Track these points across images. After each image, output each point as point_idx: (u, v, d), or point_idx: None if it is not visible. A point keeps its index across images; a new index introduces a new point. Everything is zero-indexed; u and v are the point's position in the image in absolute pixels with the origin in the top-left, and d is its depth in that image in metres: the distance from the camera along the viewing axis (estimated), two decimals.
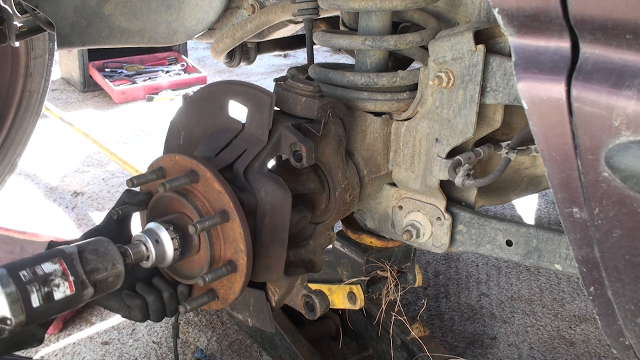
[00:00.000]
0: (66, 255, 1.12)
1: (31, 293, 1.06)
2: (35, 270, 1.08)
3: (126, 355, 2.29)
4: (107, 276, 1.16)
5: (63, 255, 1.12)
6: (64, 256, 1.12)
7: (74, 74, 5.10)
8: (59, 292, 1.09)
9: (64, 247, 1.14)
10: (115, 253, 1.18)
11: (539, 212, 3.35)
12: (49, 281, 1.08)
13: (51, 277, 1.08)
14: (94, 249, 1.16)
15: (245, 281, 1.30)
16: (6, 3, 2.21)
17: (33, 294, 1.06)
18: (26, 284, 1.05)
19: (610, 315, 1.14)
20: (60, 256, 1.12)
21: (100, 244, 1.18)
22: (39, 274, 1.07)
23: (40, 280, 1.07)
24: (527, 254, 1.51)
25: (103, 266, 1.15)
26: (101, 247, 1.17)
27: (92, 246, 1.17)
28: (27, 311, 1.05)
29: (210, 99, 1.44)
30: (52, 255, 1.11)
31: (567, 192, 1.04)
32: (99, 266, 1.15)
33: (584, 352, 2.37)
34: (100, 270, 1.15)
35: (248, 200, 1.32)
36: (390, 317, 2.09)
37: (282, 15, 1.81)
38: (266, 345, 2.28)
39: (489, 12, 1.47)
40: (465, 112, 1.41)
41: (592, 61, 0.95)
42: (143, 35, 2.10)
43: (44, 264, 1.09)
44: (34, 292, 1.06)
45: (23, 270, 1.07)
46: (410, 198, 1.63)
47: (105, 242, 1.19)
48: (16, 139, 2.90)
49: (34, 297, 1.06)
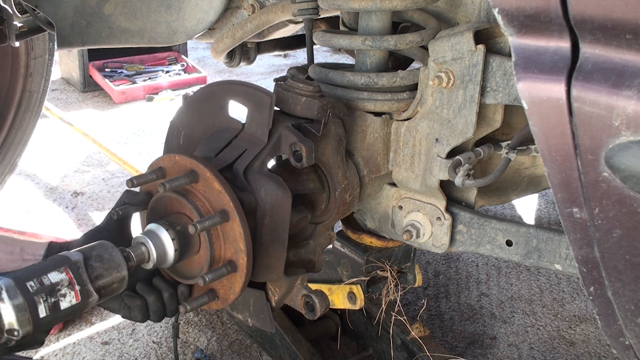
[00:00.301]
0: (72, 263, 1.11)
1: (39, 304, 1.05)
2: (42, 280, 1.07)
3: (126, 355, 2.29)
4: (112, 282, 1.16)
5: (69, 264, 1.11)
6: (70, 265, 1.11)
7: (74, 74, 5.10)
8: (65, 301, 1.08)
9: (70, 255, 1.13)
10: (119, 258, 1.17)
11: (539, 212, 3.34)
12: (55, 291, 1.07)
13: (58, 287, 1.08)
14: (98, 256, 1.16)
15: (246, 281, 1.30)
16: (6, 3, 2.21)
17: (40, 305, 1.05)
18: (34, 295, 1.05)
19: (610, 315, 1.14)
20: (66, 265, 1.11)
21: (105, 250, 1.17)
22: (45, 284, 1.07)
23: (47, 290, 1.07)
24: (527, 254, 1.51)
25: (108, 272, 1.15)
26: (105, 254, 1.16)
27: (97, 252, 1.16)
28: (34, 322, 1.05)
29: (210, 99, 1.44)
30: (59, 264, 1.11)
31: (567, 192, 1.04)
32: (104, 273, 1.14)
33: (584, 352, 2.37)
34: (105, 277, 1.15)
35: (248, 200, 1.32)
36: (390, 317, 2.09)
37: (282, 15, 1.81)
38: (266, 345, 2.28)
39: (489, 12, 1.47)
40: (465, 112, 1.41)
41: (592, 61, 0.95)
42: (143, 35, 2.10)
43: (50, 273, 1.09)
44: (41, 303, 1.05)
45: (30, 280, 1.06)
46: (410, 198, 1.63)
47: (109, 247, 1.18)
48: (16, 139, 2.89)
49: (41, 308, 1.05)
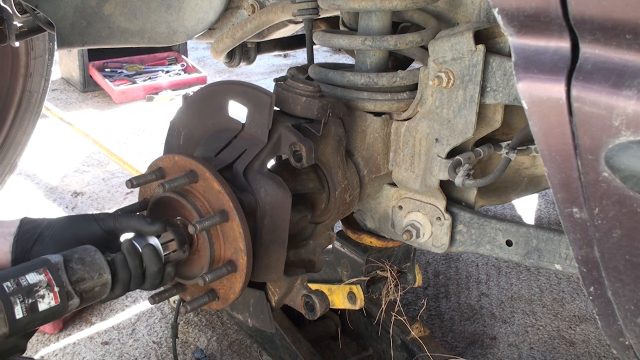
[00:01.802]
0: (51, 265, 1.10)
1: (15, 305, 1.03)
2: (19, 281, 1.05)
3: (126, 355, 2.29)
4: (94, 286, 1.14)
5: (48, 266, 1.10)
6: (49, 266, 1.10)
7: (74, 74, 5.10)
8: (43, 303, 1.07)
9: (50, 257, 1.12)
10: (102, 262, 1.16)
11: (539, 212, 3.34)
12: (33, 292, 1.06)
13: (36, 288, 1.06)
14: (80, 258, 1.14)
15: (246, 281, 1.30)
16: (6, 3, 2.21)
17: (17, 305, 1.04)
18: (10, 296, 1.03)
19: (610, 315, 1.14)
20: (45, 266, 1.09)
21: (87, 253, 1.16)
22: (23, 285, 1.05)
23: (25, 291, 1.05)
24: (527, 254, 1.51)
25: (89, 276, 1.14)
26: (87, 257, 1.15)
27: (79, 255, 1.15)
28: (11, 323, 1.03)
29: (210, 99, 1.44)
30: (38, 265, 1.09)
31: (567, 192, 1.04)
32: (85, 276, 1.13)
33: (584, 352, 2.37)
34: (87, 280, 1.13)
35: (248, 200, 1.32)
36: (390, 317, 2.09)
37: (282, 15, 1.81)
38: (266, 345, 2.28)
39: (489, 12, 1.47)
40: (465, 112, 1.41)
41: (592, 61, 0.95)
42: (143, 35, 2.10)
43: (28, 274, 1.07)
44: (18, 304, 1.04)
45: (7, 281, 1.05)
46: (410, 198, 1.63)
47: (92, 250, 1.17)
48: (16, 139, 2.89)
49: (17, 308, 1.04)
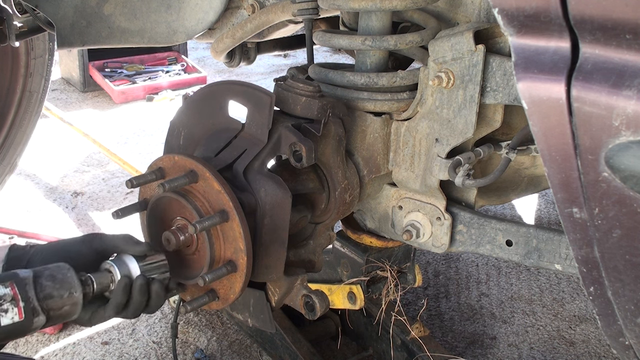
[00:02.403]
0: (19, 279, 1.07)
1: None
2: None
3: (126, 355, 2.29)
4: (62, 304, 1.10)
5: (16, 280, 1.06)
6: (17, 280, 1.06)
7: (74, 74, 5.10)
8: (6, 317, 1.03)
9: (19, 271, 1.09)
10: (73, 281, 1.12)
11: (539, 212, 3.34)
12: None
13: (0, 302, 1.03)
14: (50, 275, 1.11)
15: (246, 281, 1.30)
16: (6, 3, 2.21)
17: None
18: None
19: (610, 315, 1.14)
20: (12, 280, 1.06)
21: (59, 270, 1.12)
22: None
23: None
24: (527, 254, 1.51)
25: (58, 294, 1.09)
26: (59, 274, 1.11)
27: (50, 272, 1.11)
28: None
29: (210, 99, 1.44)
30: (5, 278, 1.06)
31: (567, 192, 1.04)
32: (54, 293, 1.09)
33: (584, 352, 2.37)
34: (55, 298, 1.09)
35: (248, 200, 1.32)
36: (390, 317, 2.09)
37: (282, 15, 1.81)
38: (266, 345, 2.28)
39: (489, 12, 1.47)
40: (465, 112, 1.41)
41: (592, 61, 0.95)
42: (143, 35, 2.10)
43: None
44: None
45: None
46: (410, 198, 1.62)
47: (65, 268, 1.13)
48: (16, 139, 2.89)
49: None
